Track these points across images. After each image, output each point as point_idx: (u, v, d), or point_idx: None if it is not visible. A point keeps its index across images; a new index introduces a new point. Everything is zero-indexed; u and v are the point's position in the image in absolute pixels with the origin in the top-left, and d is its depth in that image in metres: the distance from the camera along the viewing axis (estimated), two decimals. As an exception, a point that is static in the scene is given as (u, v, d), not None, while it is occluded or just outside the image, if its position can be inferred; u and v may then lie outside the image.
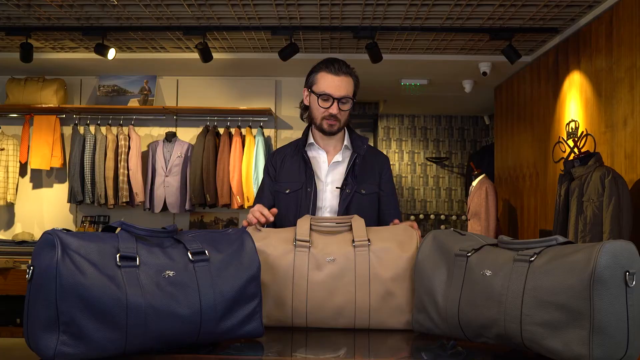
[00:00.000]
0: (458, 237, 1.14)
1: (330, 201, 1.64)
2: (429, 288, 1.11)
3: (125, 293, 0.90)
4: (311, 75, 1.66)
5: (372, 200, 1.67)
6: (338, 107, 1.60)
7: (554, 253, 0.95)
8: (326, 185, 1.66)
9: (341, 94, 1.59)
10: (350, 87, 1.62)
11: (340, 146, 1.70)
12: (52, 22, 3.57)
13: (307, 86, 1.67)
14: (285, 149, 1.75)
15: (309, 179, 1.64)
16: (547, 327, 0.90)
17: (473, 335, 1.03)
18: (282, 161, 1.71)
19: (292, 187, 1.65)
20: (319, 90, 1.61)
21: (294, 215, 1.60)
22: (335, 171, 1.67)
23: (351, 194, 1.62)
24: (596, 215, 2.46)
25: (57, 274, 0.87)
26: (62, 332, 0.86)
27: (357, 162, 1.65)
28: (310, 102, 1.66)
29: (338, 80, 1.59)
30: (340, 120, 1.62)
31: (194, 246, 1.02)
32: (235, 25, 3.59)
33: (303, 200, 1.63)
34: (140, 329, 0.90)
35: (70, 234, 0.94)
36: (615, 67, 2.92)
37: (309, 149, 1.70)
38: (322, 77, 1.61)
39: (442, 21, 3.49)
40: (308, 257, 1.17)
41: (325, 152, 1.69)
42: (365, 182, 1.66)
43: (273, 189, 1.69)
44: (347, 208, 1.61)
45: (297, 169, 1.67)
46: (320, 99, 1.61)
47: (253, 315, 1.03)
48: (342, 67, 1.61)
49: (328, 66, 1.61)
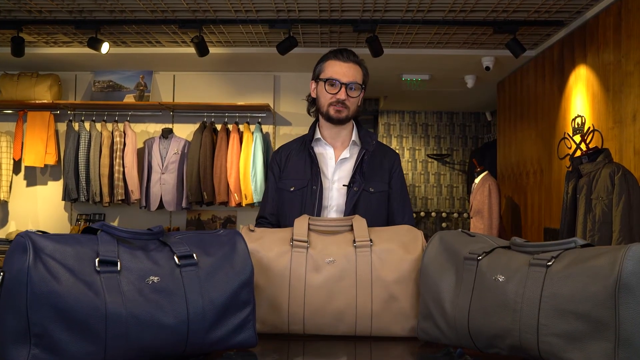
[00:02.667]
0: (467, 239, 1.07)
1: (336, 200, 1.56)
2: (436, 294, 1.04)
3: (104, 301, 0.84)
4: (318, 65, 1.60)
5: (381, 199, 1.58)
6: (346, 93, 1.53)
7: (574, 257, 0.88)
8: (333, 183, 1.58)
9: (349, 79, 1.54)
10: (359, 74, 1.56)
11: (349, 142, 1.62)
12: (44, 16, 3.49)
13: (313, 78, 1.61)
14: (291, 144, 1.68)
15: (315, 176, 1.56)
16: (567, 339, 0.84)
17: (484, 346, 0.96)
18: (287, 157, 1.63)
19: (297, 184, 1.58)
20: (326, 76, 1.55)
21: (298, 214, 1.50)
22: (343, 168, 1.59)
23: (359, 192, 1.54)
24: (605, 214, 2.38)
25: (28, 281, 0.81)
26: (33, 345, 0.80)
27: (365, 158, 1.57)
28: (318, 90, 1.60)
29: (346, 67, 1.54)
30: (348, 107, 1.56)
31: (181, 249, 0.95)
32: (232, 18, 3.52)
33: (308, 198, 1.55)
34: (121, 341, 0.84)
35: (46, 236, 0.87)
36: (624, 61, 2.84)
37: (316, 145, 1.62)
38: (329, 64, 1.56)
39: (445, 14, 3.41)
40: (306, 259, 1.10)
41: (332, 148, 1.61)
42: (373, 180, 1.58)
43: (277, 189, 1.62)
44: (355, 207, 1.53)
45: (303, 165, 1.59)
46: (327, 83, 1.55)
47: (245, 323, 0.97)
48: (351, 56, 1.56)
49: (336, 55, 1.56)
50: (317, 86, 1.60)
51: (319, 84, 1.58)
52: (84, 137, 4.33)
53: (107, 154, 4.29)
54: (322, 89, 1.56)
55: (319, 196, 1.54)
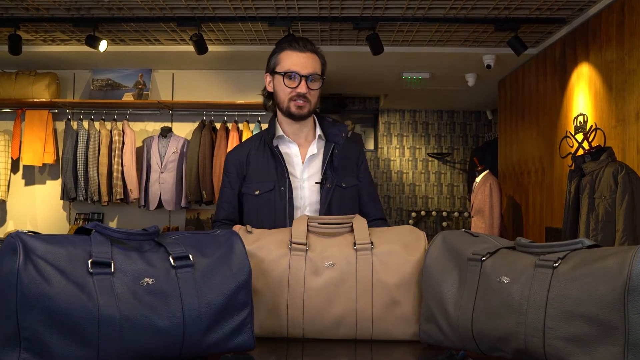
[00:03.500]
0: (470, 239, 1.04)
1: (309, 198, 1.49)
2: (439, 295, 1.01)
3: (97, 304, 0.81)
4: (272, 57, 1.51)
5: (353, 193, 1.54)
6: (307, 86, 1.45)
7: (581, 258, 0.86)
8: (303, 182, 1.51)
9: (309, 71, 1.45)
10: (317, 64, 1.48)
11: (312, 135, 1.56)
12: (41, 13, 3.47)
13: (268, 71, 1.52)
14: (248, 144, 1.57)
15: (281, 176, 1.49)
16: (574, 343, 0.82)
17: (488, 349, 0.94)
18: (247, 159, 1.54)
19: (262, 187, 1.49)
20: (284, 69, 1.46)
21: (267, 218, 1.45)
22: (312, 165, 1.53)
23: (332, 189, 1.49)
24: (609, 213, 2.36)
25: (18, 283, 0.79)
26: (23, 349, 0.78)
27: (335, 152, 1.51)
28: (275, 85, 1.51)
29: (304, 57, 1.45)
30: (310, 101, 1.48)
31: (177, 250, 0.92)
32: (231, 16, 3.49)
33: (277, 201, 1.47)
34: (114, 345, 0.82)
35: (37, 237, 0.85)
36: (627, 58, 2.82)
37: (278, 142, 1.54)
38: (285, 56, 1.47)
39: (446, 11, 3.38)
40: (305, 262, 1.07)
41: (296, 145, 1.54)
42: (345, 174, 1.53)
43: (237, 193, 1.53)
44: (329, 204, 1.47)
45: (266, 166, 1.51)
46: (285, 77, 1.46)
47: (243, 326, 0.95)
48: (307, 44, 1.47)
49: (291, 44, 1.47)
50: (273, 79, 1.51)
51: (276, 77, 1.49)
52: (83, 136, 4.31)
53: (105, 153, 4.27)
54: (280, 83, 1.48)
55: (289, 197, 1.47)
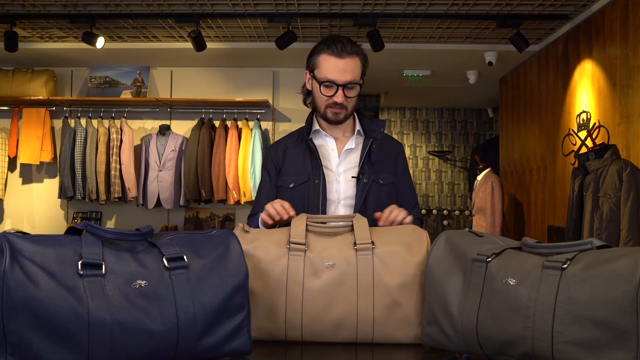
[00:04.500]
0: (474, 239, 1.01)
1: (344, 192, 1.48)
2: (442, 297, 0.98)
3: (87, 307, 0.79)
4: (312, 56, 1.50)
5: (390, 191, 1.51)
6: (344, 94, 1.44)
7: (591, 259, 0.83)
8: (338, 176, 1.50)
9: (346, 79, 1.43)
10: (356, 69, 1.45)
11: (351, 131, 1.55)
12: (37, 9, 3.43)
13: (308, 68, 1.52)
14: (286, 139, 1.60)
15: (316, 169, 1.48)
16: (584, 347, 0.79)
17: (493, 353, 0.91)
18: (284, 153, 1.55)
19: (297, 180, 1.50)
20: (321, 77, 1.45)
21: (301, 211, 1.42)
22: (348, 159, 1.52)
23: (369, 184, 1.47)
24: (613, 212, 2.32)
25: (3, 286, 0.77)
26: (9, 355, 0.76)
27: (373, 148, 1.50)
28: (313, 88, 1.51)
29: (342, 64, 1.43)
30: (346, 107, 1.47)
31: (171, 251, 0.89)
32: (229, 12, 3.45)
33: (311, 194, 1.47)
34: (105, 349, 0.79)
35: (26, 237, 0.82)
36: (631, 55, 2.78)
37: (315, 136, 1.54)
38: (324, 60, 1.45)
39: (447, 7, 3.35)
40: (304, 262, 1.04)
41: (333, 139, 1.54)
42: (382, 171, 1.51)
43: (274, 186, 1.54)
44: (365, 200, 1.46)
45: (302, 159, 1.51)
46: (322, 86, 1.45)
47: (240, 329, 0.92)
48: (347, 47, 1.44)
49: (330, 46, 1.44)
50: (312, 81, 1.51)
51: (314, 82, 1.49)
52: (80, 134, 4.27)
53: (103, 151, 4.23)
54: (317, 89, 1.48)
55: (323, 190, 1.46)
